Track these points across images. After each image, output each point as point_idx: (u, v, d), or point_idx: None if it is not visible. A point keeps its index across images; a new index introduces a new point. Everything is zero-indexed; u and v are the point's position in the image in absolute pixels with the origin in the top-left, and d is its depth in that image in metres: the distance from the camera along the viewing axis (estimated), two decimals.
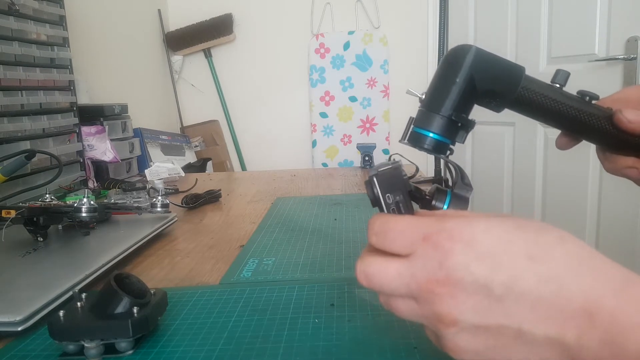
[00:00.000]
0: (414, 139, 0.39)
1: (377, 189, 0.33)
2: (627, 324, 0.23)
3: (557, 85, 0.41)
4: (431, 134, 0.37)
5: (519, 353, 0.26)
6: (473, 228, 0.27)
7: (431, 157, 2.10)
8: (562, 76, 0.41)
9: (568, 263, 0.26)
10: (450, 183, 0.36)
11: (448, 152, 0.39)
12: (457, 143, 0.40)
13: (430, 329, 0.30)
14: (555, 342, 0.25)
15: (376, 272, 0.29)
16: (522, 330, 0.26)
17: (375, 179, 0.33)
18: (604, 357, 0.24)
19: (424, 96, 0.39)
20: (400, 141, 0.40)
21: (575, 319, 0.25)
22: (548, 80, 0.42)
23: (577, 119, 0.41)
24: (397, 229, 0.29)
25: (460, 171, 0.36)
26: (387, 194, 0.34)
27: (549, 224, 0.28)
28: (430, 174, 1.21)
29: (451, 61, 0.38)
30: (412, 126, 0.39)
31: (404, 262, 0.29)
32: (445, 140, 0.38)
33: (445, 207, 0.35)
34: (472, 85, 0.37)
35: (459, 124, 0.38)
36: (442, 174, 1.01)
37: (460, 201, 0.35)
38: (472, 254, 0.27)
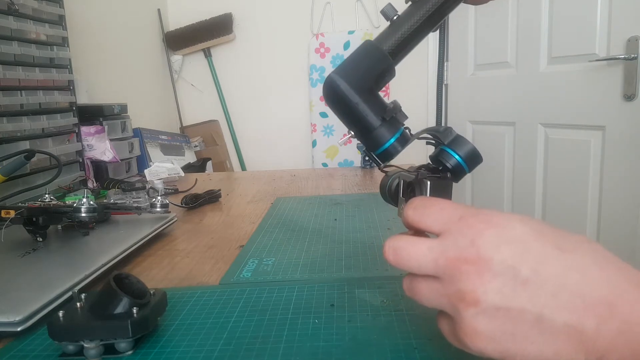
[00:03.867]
0: (385, 157, 0.42)
1: (427, 192, 0.37)
2: None
3: (395, 17, 0.43)
4: (389, 142, 0.41)
5: (534, 343, 0.27)
6: (509, 217, 0.29)
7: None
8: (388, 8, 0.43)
9: (593, 257, 0.27)
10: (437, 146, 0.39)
11: (409, 133, 0.42)
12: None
13: (445, 320, 0.31)
14: (574, 330, 0.26)
15: (405, 246, 0.31)
16: (543, 316, 0.26)
17: (428, 183, 0.37)
18: (618, 346, 0.25)
19: (352, 132, 0.43)
20: (381, 168, 0.44)
21: (596, 307, 0.25)
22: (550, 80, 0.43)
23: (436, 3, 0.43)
24: (438, 205, 0.31)
25: (431, 132, 0.39)
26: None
27: None
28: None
29: (336, 96, 0.42)
30: (372, 153, 0.43)
31: (436, 240, 0.30)
32: (398, 134, 0.41)
33: (456, 156, 0.37)
34: (365, 91, 0.41)
35: (391, 117, 0.41)
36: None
37: (458, 141, 0.38)
38: (504, 237, 0.28)
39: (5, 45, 1.01)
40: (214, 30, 2.48)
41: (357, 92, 0.41)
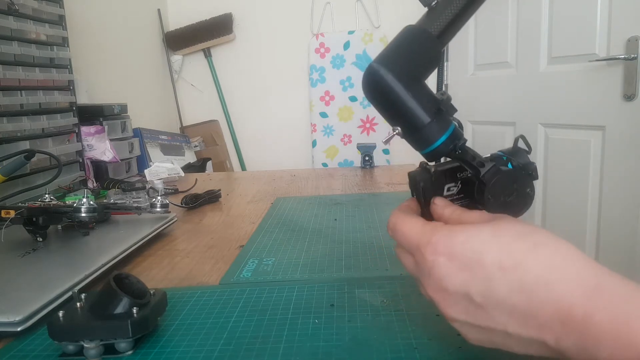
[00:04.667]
0: (433, 157, 0.38)
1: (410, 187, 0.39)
2: (597, 332, 0.24)
3: (434, 3, 0.38)
4: (440, 140, 0.36)
5: (517, 345, 0.28)
6: (453, 241, 0.30)
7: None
8: None
9: (538, 272, 0.27)
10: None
11: (461, 131, 0.38)
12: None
13: None
14: (539, 342, 0.27)
15: (401, 259, 0.36)
16: (508, 331, 0.28)
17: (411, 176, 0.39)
18: (583, 358, 0.25)
19: (397, 130, 0.37)
20: (436, 164, 0.40)
21: (550, 325, 0.26)
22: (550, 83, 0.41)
23: None
24: (401, 231, 0.34)
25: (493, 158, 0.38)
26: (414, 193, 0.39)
27: (528, 227, 0.29)
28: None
29: (379, 89, 0.37)
30: (423, 153, 0.38)
31: (413, 263, 0.34)
32: (450, 131, 0.37)
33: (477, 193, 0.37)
34: (412, 81, 0.36)
35: (443, 109, 0.36)
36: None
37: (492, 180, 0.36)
38: (452, 266, 0.30)
39: (5, 45, 1.01)
40: (214, 30, 2.48)
41: (404, 84, 0.36)
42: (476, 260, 0.29)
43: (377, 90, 0.37)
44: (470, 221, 0.33)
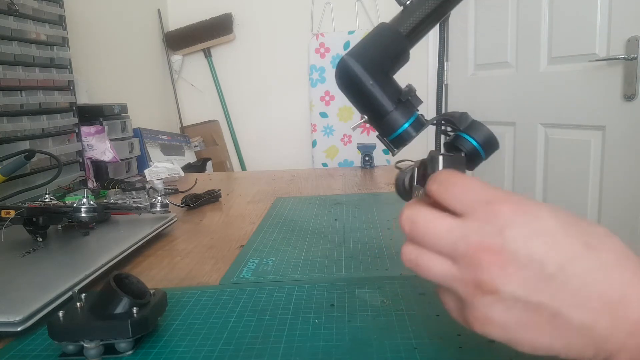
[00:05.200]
0: (398, 142, 0.41)
1: (440, 167, 0.35)
2: None
3: (408, 2, 0.42)
4: (402, 127, 0.40)
5: (546, 336, 0.27)
6: (539, 207, 0.28)
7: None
8: None
9: (615, 255, 0.27)
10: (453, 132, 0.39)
11: (423, 118, 0.41)
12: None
13: (451, 297, 0.30)
14: (587, 329, 0.26)
15: (424, 221, 0.29)
16: (560, 313, 0.26)
17: (440, 158, 0.35)
18: (629, 347, 0.25)
19: (365, 117, 0.42)
20: (394, 155, 0.43)
21: (611, 308, 0.26)
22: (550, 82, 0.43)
23: None
24: (464, 184, 0.29)
25: (447, 117, 0.39)
26: None
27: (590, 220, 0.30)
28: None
29: (349, 79, 0.40)
30: (385, 139, 0.41)
31: (458, 221, 0.29)
32: (412, 118, 0.40)
33: (472, 141, 0.37)
34: (379, 73, 0.40)
35: (407, 99, 0.40)
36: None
37: (474, 126, 0.38)
38: (534, 230, 0.27)
39: (5, 45, 1.01)
40: (214, 30, 2.49)
41: (371, 75, 0.40)
42: (562, 231, 0.28)
43: (347, 80, 0.40)
44: None
